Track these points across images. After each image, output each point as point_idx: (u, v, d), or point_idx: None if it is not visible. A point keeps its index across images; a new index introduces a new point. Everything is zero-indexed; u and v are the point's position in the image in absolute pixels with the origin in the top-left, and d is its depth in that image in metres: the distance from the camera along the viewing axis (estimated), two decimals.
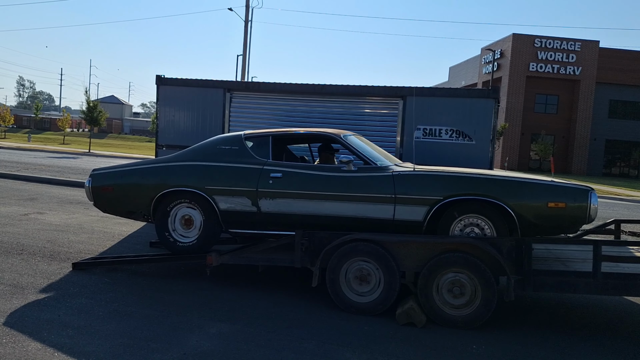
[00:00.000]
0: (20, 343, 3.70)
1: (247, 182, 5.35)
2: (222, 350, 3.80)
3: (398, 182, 5.02)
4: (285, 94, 7.98)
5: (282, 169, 5.35)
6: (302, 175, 5.27)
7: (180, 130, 8.40)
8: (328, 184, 5.17)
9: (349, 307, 4.82)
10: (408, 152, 7.33)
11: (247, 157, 5.52)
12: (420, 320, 4.57)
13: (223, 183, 5.41)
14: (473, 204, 4.87)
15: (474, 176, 4.96)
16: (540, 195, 4.80)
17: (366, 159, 5.28)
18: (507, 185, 4.84)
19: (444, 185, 4.92)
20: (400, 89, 7.50)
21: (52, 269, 5.66)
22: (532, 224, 4.81)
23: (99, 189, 5.84)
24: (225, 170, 5.47)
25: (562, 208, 4.74)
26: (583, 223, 4.84)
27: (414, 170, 5.11)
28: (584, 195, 4.79)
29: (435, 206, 4.89)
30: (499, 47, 40.84)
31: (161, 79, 8.53)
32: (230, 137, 5.79)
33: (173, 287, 5.30)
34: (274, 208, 5.30)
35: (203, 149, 5.77)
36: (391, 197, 4.99)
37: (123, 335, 3.95)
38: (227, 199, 5.40)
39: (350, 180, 5.13)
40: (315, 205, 5.18)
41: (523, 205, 4.77)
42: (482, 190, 4.82)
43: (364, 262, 4.83)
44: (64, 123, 43.29)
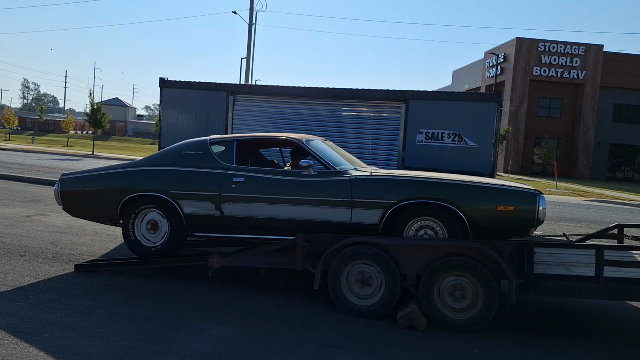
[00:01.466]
0: (22, 344, 3.71)
1: (211, 187, 5.46)
2: (222, 352, 3.80)
3: (355, 186, 5.13)
4: (289, 97, 7.99)
5: (245, 174, 5.47)
6: (264, 179, 5.38)
7: (184, 132, 8.41)
8: (289, 188, 5.28)
9: (350, 310, 4.82)
10: (410, 156, 7.33)
11: (211, 161, 5.64)
12: (422, 324, 4.56)
13: (187, 188, 5.53)
14: (426, 207, 4.98)
15: (426, 180, 5.06)
16: (490, 198, 4.89)
17: (326, 163, 5.38)
18: (458, 189, 4.94)
19: (398, 189, 5.03)
20: (402, 92, 7.50)
21: (55, 271, 5.67)
22: (482, 227, 4.90)
23: (68, 193, 5.98)
24: (189, 174, 5.58)
25: (511, 211, 4.83)
26: (532, 226, 4.90)
27: (370, 175, 5.21)
28: (532, 198, 4.85)
29: (390, 209, 4.99)
30: (502, 51, 40.82)
31: (164, 81, 8.56)
32: (195, 142, 5.90)
33: (174, 290, 5.31)
34: (237, 212, 5.40)
35: (169, 154, 5.90)
36: (348, 200, 5.10)
37: (124, 337, 3.96)
38: (191, 203, 5.50)
39: (309, 184, 5.24)
40: (276, 208, 5.30)
41: (473, 209, 4.87)
42: (434, 194, 4.92)
43: (365, 265, 4.83)
44: (67, 125, 43.45)
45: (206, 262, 5.22)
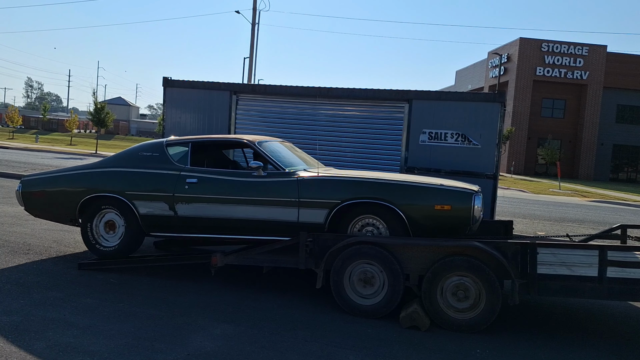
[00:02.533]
0: (26, 342, 3.72)
1: (165, 188, 5.60)
2: (225, 351, 3.81)
3: (302, 186, 5.27)
4: (292, 97, 8.00)
5: (198, 175, 5.59)
6: (216, 180, 5.52)
7: (187, 132, 8.43)
8: (239, 189, 5.41)
9: (352, 310, 4.82)
10: (413, 156, 7.32)
11: (166, 163, 5.77)
12: (424, 324, 4.56)
13: (142, 188, 5.67)
14: (368, 206, 5.12)
15: (368, 181, 5.20)
16: (427, 197, 5.03)
17: (276, 164, 5.50)
18: (397, 189, 5.09)
19: (342, 189, 5.17)
20: (406, 92, 7.50)
21: (58, 269, 5.69)
22: (421, 225, 5.03)
23: (29, 194, 6.16)
24: (144, 176, 5.73)
25: (448, 210, 4.96)
26: (468, 224, 5.01)
27: (317, 176, 5.34)
28: (468, 197, 4.97)
29: (335, 209, 5.13)
30: (505, 51, 40.77)
31: (168, 80, 8.58)
32: (152, 144, 6.08)
33: (177, 288, 5.32)
34: (190, 212, 5.52)
35: (126, 156, 6.06)
36: (295, 200, 5.24)
37: (127, 335, 3.97)
38: (146, 204, 5.64)
39: (259, 185, 5.38)
40: (228, 209, 5.42)
41: (412, 207, 5.00)
42: (375, 193, 5.06)
43: (368, 265, 4.83)
44: (71, 124, 43.55)
45: (209, 260, 5.23)
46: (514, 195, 20.52)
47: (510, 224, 6.33)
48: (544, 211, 15.26)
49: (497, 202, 7.26)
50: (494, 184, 7.06)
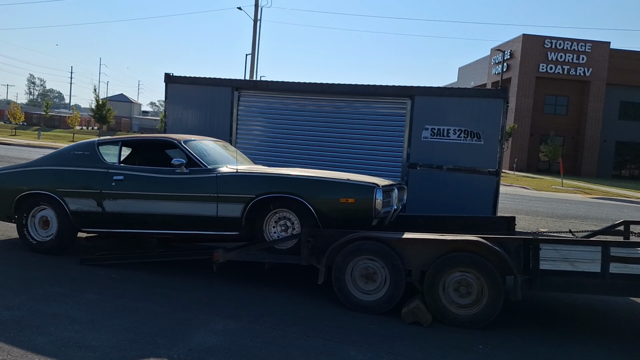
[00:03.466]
0: (28, 336, 3.73)
1: (93, 185, 5.87)
2: (227, 346, 3.81)
3: (220, 182, 5.51)
4: (294, 93, 7.98)
5: (125, 172, 5.86)
6: (141, 177, 5.78)
7: (189, 128, 8.42)
8: (163, 186, 5.65)
9: (354, 306, 4.82)
10: (416, 152, 7.31)
11: (96, 161, 6.05)
12: (426, 320, 4.55)
13: (72, 186, 5.95)
14: (282, 201, 5.36)
15: (280, 176, 5.47)
16: (333, 191, 5.28)
17: (198, 162, 5.73)
18: (306, 184, 5.34)
19: (256, 185, 5.42)
20: (408, 88, 7.47)
21: (60, 264, 5.70)
22: (329, 218, 5.25)
23: None
24: (74, 174, 6.01)
25: (352, 203, 5.20)
26: (371, 216, 5.24)
27: (235, 172, 5.58)
28: (370, 191, 5.20)
29: (250, 203, 5.35)
30: (508, 47, 40.64)
31: (170, 77, 8.57)
32: (84, 144, 6.38)
33: (179, 284, 5.32)
34: (117, 208, 5.78)
35: (59, 155, 6.35)
36: (214, 196, 5.47)
37: (129, 330, 3.97)
38: (76, 201, 5.91)
39: (181, 181, 5.62)
40: (152, 205, 5.66)
41: (319, 201, 5.24)
42: (286, 188, 5.32)
43: (370, 261, 4.82)
44: (73, 121, 43.63)
45: (211, 256, 5.22)
46: (516, 192, 20.48)
47: (512, 220, 6.31)
48: (546, 208, 15.24)
49: (499, 199, 7.24)
50: (496, 180, 7.05)
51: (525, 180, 27.79)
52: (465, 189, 7.08)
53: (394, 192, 5.77)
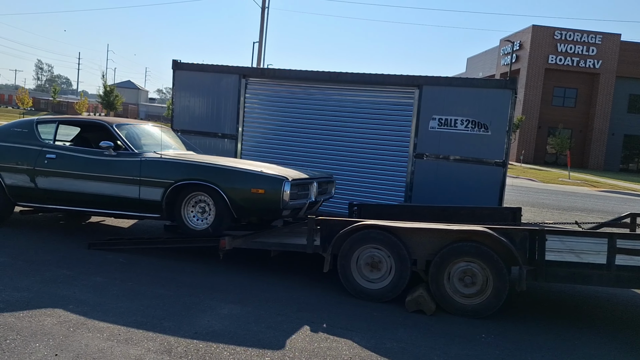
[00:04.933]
0: (37, 317, 3.78)
1: (27, 162, 6.18)
2: (232, 330, 3.85)
3: (144, 166, 5.79)
4: (301, 82, 7.96)
5: (57, 151, 6.16)
6: (72, 157, 6.08)
7: (196, 115, 8.43)
8: (91, 166, 5.95)
9: (359, 294, 4.85)
10: (423, 142, 7.29)
11: (32, 139, 6.33)
12: (430, 308, 4.58)
13: (8, 161, 6.26)
14: (198, 187, 5.64)
15: (197, 164, 5.73)
16: (246, 181, 5.55)
17: (127, 145, 6.04)
18: (221, 173, 5.61)
19: (175, 171, 5.71)
20: (416, 78, 7.44)
21: (68, 248, 5.76)
22: (240, 206, 5.54)
23: None
24: (11, 150, 6.31)
25: (262, 193, 5.48)
26: (279, 207, 5.49)
27: (159, 158, 5.86)
28: (279, 183, 5.47)
29: (169, 188, 5.66)
30: (518, 38, 40.28)
31: (177, 63, 8.56)
32: (24, 121, 6.68)
33: (186, 269, 5.37)
34: (48, 185, 6.10)
35: (0, 131, 6.65)
36: (137, 179, 5.77)
37: (137, 313, 4.02)
38: (11, 176, 6.25)
39: (108, 163, 5.92)
40: (81, 184, 5.97)
41: (232, 189, 5.53)
42: (202, 175, 5.60)
43: (375, 250, 4.84)
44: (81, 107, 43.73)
45: (218, 244, 5.26)
46: (523, 184, 20.41)
47: (518, 211, 6.31)
48: (552, 200, 15.19)
49: (505, 191, 7.23)
50: (503, 171, 7.02)
51: (532, 173, 27.68)
52: (472, 180, 7.07)
53: (312, 185, 6.02)
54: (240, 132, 8.22)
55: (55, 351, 3.28)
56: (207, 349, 3.51)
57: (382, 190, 7.49)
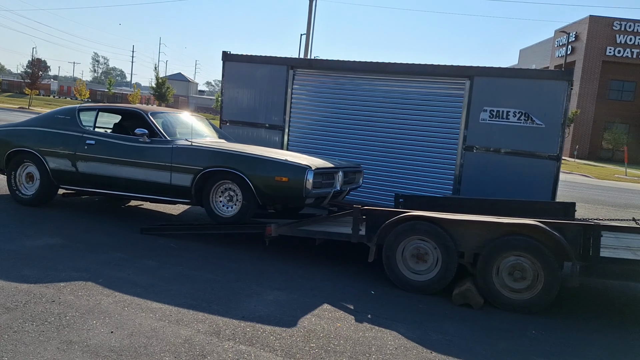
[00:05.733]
0: (94, 297, 3.96)
1: (69, 147, 6.51)
2: (278, 316, 3.91)
3: (175, 154, 6.02)
4: (348, 72, 7.94)
5: (96, 137, 6.49)
6: (109, 143, 6.38)
7: (244, 106, 8.56)
8: (127, 152, 6.22)
9: (404, 285, 4.82)
10: (473, 135, 7.14)
11: (74, 126, 6.66)
12: (477, 302, 4.51)
13: (52, 146, 6.60)
14: (226, 174, 5.80)
15: (224, 152, 5.91)
16: (270, 170, 5.67)
17: (160, 133, 6.27)
18: (246, 160, 5.77)
19: (204, 158, 5.91)
20: (467, 68, 7.28)
21: (123, 232, 5.99)
22: (265, 193, 5.68)
23: None
24: (55, 135, 6.65)
25: (286, 181, 5.56)
26: (302, 195, 5.56)
27: (189, 145, 6.06)
28: (302, 172, 5.54)
29: (198, 174, 5.85)
30: (574, 29, 38.73)
31: (227, 55, 8.70)
32: (67, 109, 7.00)
33: (233, 255, 5.49)
34: (88, 169, 6.42)
35: (45, 117, 7.02)
36: (169, 165, 5.99)
37: (186, 296, 4.14)
38: (55, 160, 6.58)
39: (143, 150, 6.16)
40: (117, 169, 6.26)
41: (257, 177, 5.66)
42: (229, 163, 5.77)
43: (421, 241, 4.80)
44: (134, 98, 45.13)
45: (264, 230, 5.35)
46: (577, 180, 19.70)
47: (572, 206, 6.09)
48: (607, 197, 14.60)
49: (558, 186, 6.99)
50: (556, 165, 6.79)
51: (586, 168, 26.66)
52: (524, 174, 6.87)
53: (338, 174, 6.10)
54: (287, 122, 8.28)
55: (111, 328, 3.43)
56: (253, 332, 3.58)
57: (429, 182, 7.40)
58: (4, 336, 3.16)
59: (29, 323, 3.37)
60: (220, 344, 3.35)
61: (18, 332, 3.23)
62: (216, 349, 3.29)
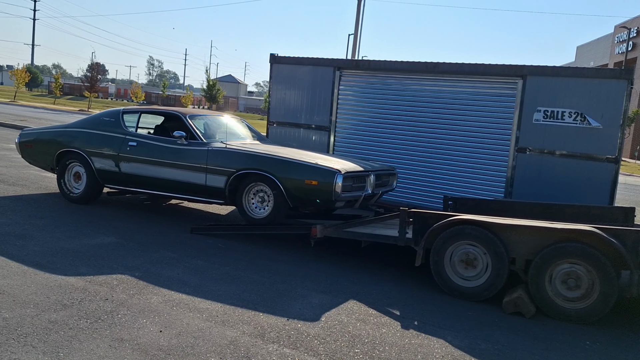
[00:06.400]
0: (145, 295, 4.08)
1: (113, 148, 6.78)
2: (323, 320, 3.90)
3: (210, 156, 6.20)
4: (396, 73, 7.85)
5: (138, 139, 6.72)
6: (150, 145, 6.61)
7: (291, 107, 8.61)
8: (166, 154, 6.44)
9: (452, 291, 4.71)
10: (526, 136, 6.90)
11: (118, 127, 6.92)
12: (529, 311, 4.35)
13: (97, 147, 6.88)
14: (258, 176, 5.94)
15: (256, 154, 6.04)
16: (300, 173, 5.75)
17: (197, 135, 6.45)
18: (277, 163, 5.87)
19: (237, 160, 6.06)
20: (520, 67, 7.04)
21: (173, 231, 6.15)
22: (295, 196, 5.77)
23: (23, 145, 7.59)
24: (100, 137, 6.92)
25: (315, 185, 5.63)
26: (331, 198, 5.62)
27: (224, 147, 6.23)
28: (331, 175, 5.59)
29: (232, 176, 6.01)
30: (635, 24, 36.86)
31: (275, 57, 8.78)
32: (112, 111, 7.28)
33: (279, 256, 5.53)
34: (130, 170, 6.66)
35: (92, 119, 7.33)
36: (204, 167, 6.17)
37: (233, 297, 4.20)
38: (100, 160, 6.85)
39: (180, 151, 6.37)
40: (156, 169, 6.48)
41: (287, 180, 5.76)
42: (260, 166, 5.91)
43: (470, 246, 4.68)
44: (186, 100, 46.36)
45: (309, 231, 5.36)
46: (637, 183, 18.72)
47: (631, 211, 5.79)
48: None
49: (617, 190, 6.66)
50: (615, 168, 6.47)
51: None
52: (580, 177, 6.59)
53: (369, 178, 6.12)
54: (334, 123, 8.28)
55: (160, 328, 3.52)
56: (298, 336, 3.59)
57: (479, 184, 7.21)
58: (60, 332, 3.30)
59: (83, 320, 3.51)
60: (264, 347, 3.38)
61: (73, 329, 3.36)
62: (260, 351, 3.32)
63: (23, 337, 3.18)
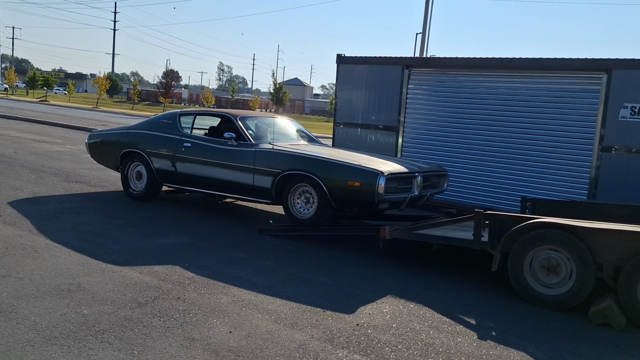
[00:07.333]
0: (215, 295, 4.10)
1: (169, 149, 7.05)
2: (394, 326, 3.76)
3: (258, 156, 6.32)
4: (468, 70, 7.55)
5: (192, 140, 6.97)
6: (203, 146, 6.84)
7: (357, 108, 8.50)
8: (217, 154, 6.64)
9: (532, 298, 4.42)
10: (611, 134, 6.41)
11: (175, 129, 7.19)
12: (619, 323, 3.99)
13: (156, 148, 7.17)
14: (302, 177, 5.99)
15: (301, 155, 6.13)
16: (343, 174, 5.76)
17: (245, 136, 6.59)
18: (321, 164, 5.92)
19: (283, 161, 6.16)
20: (604, 61, 6.56)
21: (242, 232, 6.20)
22: (338, 197, 5.80)
23: (92, 145, 8.01)
24: (158, 138, 7.22)
25: (358, 186, 5.62)
26: (373, 200, 5.58)
27: (271, 149, 6.35)
28: (374, 177, 5.55)
29: (277, 177, 6.11)
30: None
31: (341, 57, 8.71)
32: (170, 114, 7.59)
33: (347, 259, 5.43)
34: (185, 170, 6.92)
35: (152, 121, 7.70)
36: (252, 167, 6.30)
37: (301, 299, 4.14)
38: (158, 160, 7.14)
39: (230, 152, 6.55)
40: (208, 169, 6.70)
41: (331, 181, 5.78)
42: (305, 167, 5.97)
43: (552, 251, 4.37)
44: (254, 103, 47.43)
45: (378, 233, 5.22)
46: None
47: None
48: None
49: None
50: None
51: None
52: None
53: (416, 179, 6.00)
54: (402, 124, 8.09)
55: (230, 328, 3.51)
56: (368, 342, 3.47)
57: (559, 185, 6.79)
58: (135, 330, 3.37)
59: (157, 318, 3.57)
60: (334, 352, 3.29)
61: (147, 327, 3.42)
62: (330, 356, 3.23)
63: (100, 334, 3.27)
